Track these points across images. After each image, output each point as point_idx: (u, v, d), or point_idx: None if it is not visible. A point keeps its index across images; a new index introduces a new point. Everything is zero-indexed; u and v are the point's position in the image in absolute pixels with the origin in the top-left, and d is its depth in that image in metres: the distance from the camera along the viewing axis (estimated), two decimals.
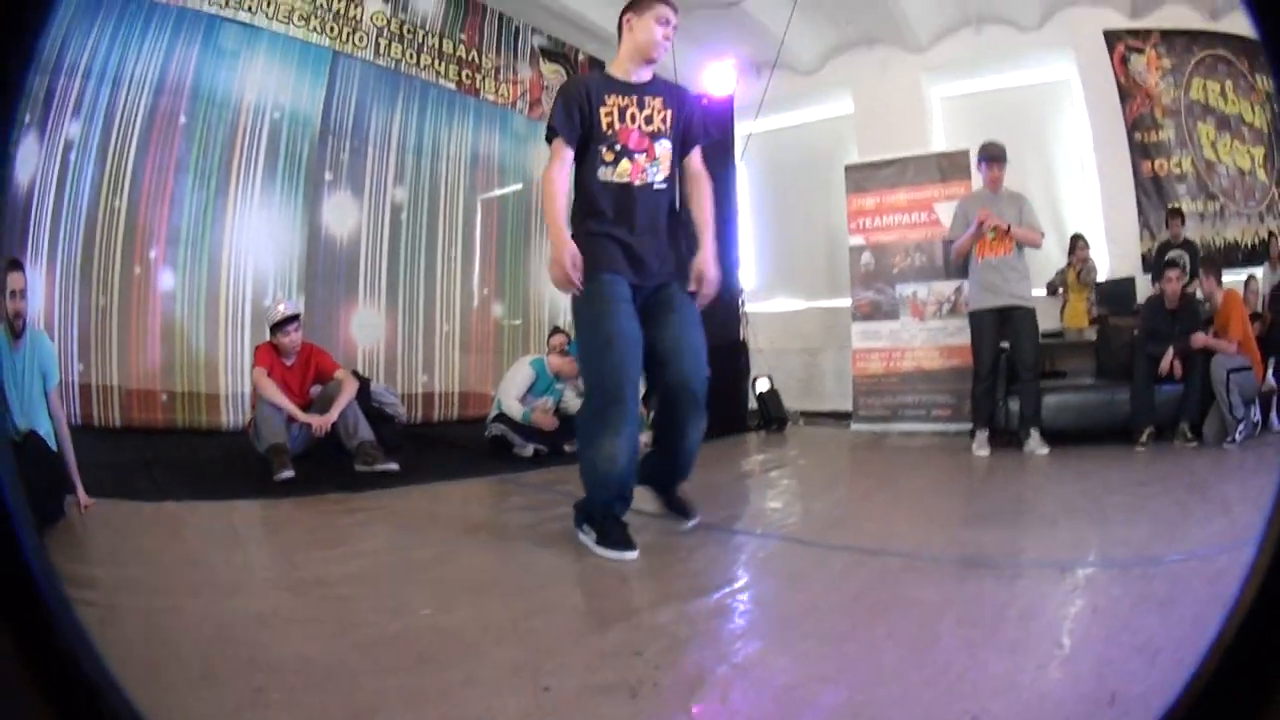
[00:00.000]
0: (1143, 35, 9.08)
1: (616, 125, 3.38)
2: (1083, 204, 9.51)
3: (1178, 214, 8.40)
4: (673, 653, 2.23)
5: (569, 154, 3.38)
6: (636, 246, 3.37)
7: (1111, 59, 9.15)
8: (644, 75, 3.52)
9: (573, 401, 6.88)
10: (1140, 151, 9.08)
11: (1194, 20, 8.90)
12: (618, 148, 3.37)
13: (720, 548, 3.52)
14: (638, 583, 3.02)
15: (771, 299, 11.23)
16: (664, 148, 3.45)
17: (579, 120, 3.36)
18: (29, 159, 6.15)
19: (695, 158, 3.60)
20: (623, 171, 3.38)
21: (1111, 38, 9.15)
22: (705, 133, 3.75)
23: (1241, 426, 6.24)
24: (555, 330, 7.98)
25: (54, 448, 3.84)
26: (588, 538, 3.34)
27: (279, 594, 2.94)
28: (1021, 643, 2.22)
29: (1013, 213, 6.51)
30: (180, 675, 2.09)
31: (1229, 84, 8.77)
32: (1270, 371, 6.86)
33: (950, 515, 4.56)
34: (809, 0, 9.19)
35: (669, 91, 3.57)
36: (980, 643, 2.19)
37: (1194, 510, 4.10)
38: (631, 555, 3.17)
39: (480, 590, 3.01)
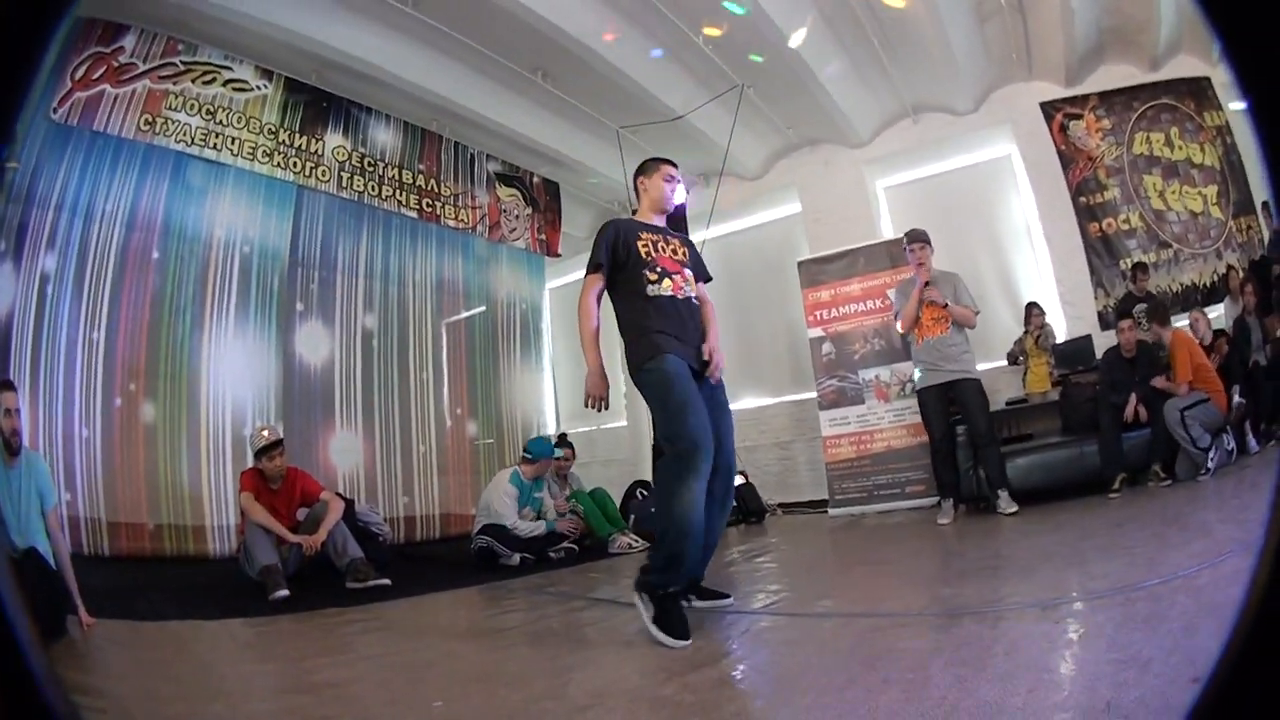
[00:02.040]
0: (1080, 101, 9.50)
1: (654, 253, 3.93)
2: (1034, 272, 9.82)
3: (1142, 267, 8.76)
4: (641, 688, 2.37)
5: (602, 285, 3.92)
6: (686, 342, 3.80)
7: (1050, 129, 9.57)
8: (662, 221, 4.20)
9: (551, 508, 7.33)
10: (1086, 214, 9.42)
11: (1134, 76, 9.35)
12: (659, 270, 3.88)
13: (712, 625, 3.62)
14: (636, 663, 3.09)
15: (739, 399, 11.39)
16: (688, 274, 4.02)
17: (618, 255, 3.89)
18: (5, 288, 6.31)
19: (702, 288, 4.15)
20: (666, 287, 3.86)
21: (1049, 108, 9.59)
22: (704, 272, 4.27)
23: (1212, 456, 6.35)
24: (562, 438, 8.38)
25: (53, 566, 3.91)
26: (645, 610, 3.41)
27: (292, 696, 3.03)
28: (1010, 673, 2.31)
29: (948, 290, 6.83)
30: None
31: (1174, 130, 9.15)
32: (1236, 395, 7.00)
33: (930, 577, 4.66)
34: (749, 110, 9.58)
35: (680, 237, 4.21)
36: (970, 677, 2.29)
37: (1171, 539, 4.27)
38: (685, 644, 3.22)
39: (486, 681, 3.10)
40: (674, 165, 4.25)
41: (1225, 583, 2.76)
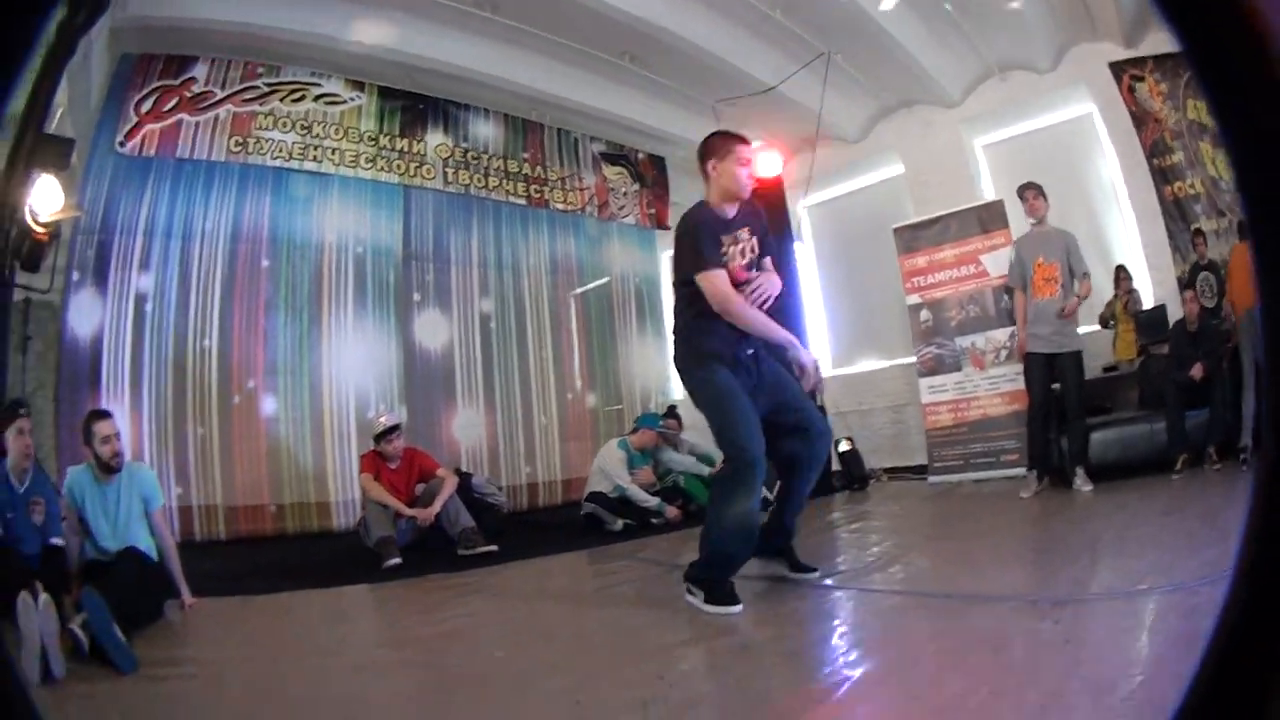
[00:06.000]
0: (1139, 63, 9.21)
1: (731, 265, 3.82)
2: (1122, 234, 9.61)
3: (1200, 234, 8.43)
4: (688, 678, 2.81)
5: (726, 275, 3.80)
6: (747, 355, 3.87)
7: (1120, 89, 9.30)
8: (733, 211, 3.92)
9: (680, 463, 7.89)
10: (1160, 176, 9.11)
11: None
12: (747, 263, 3.89)
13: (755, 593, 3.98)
14: (671, 627, 3.53)
15: (853, 362, 11.55)
16: (755, 278, 3.90)
17: (720, 251, 3.81)
18: (92, 313, 7.06)
19: (767, 263, 4.02)
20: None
21: (1116, 69, 9.30)
22: (773, 247, 4.11)
23: None
24: (670, 411, 8.68)
25: (153, 559, 4.50)
26: (696, 599, 3.69)
27: (377, 650, 3.61)
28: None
29: (1058, 248, 6.77)
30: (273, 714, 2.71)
31: None
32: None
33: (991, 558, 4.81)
34: (840, 75, 9.68)
35: (752, 219, 3.98)
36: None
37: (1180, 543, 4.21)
38: (738, 609, 3.55)
39: (548, 638, 3.64)
40: (748, 143, 3.95)
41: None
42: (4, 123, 4.82)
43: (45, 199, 5.52)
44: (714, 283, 3.72)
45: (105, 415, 4.71)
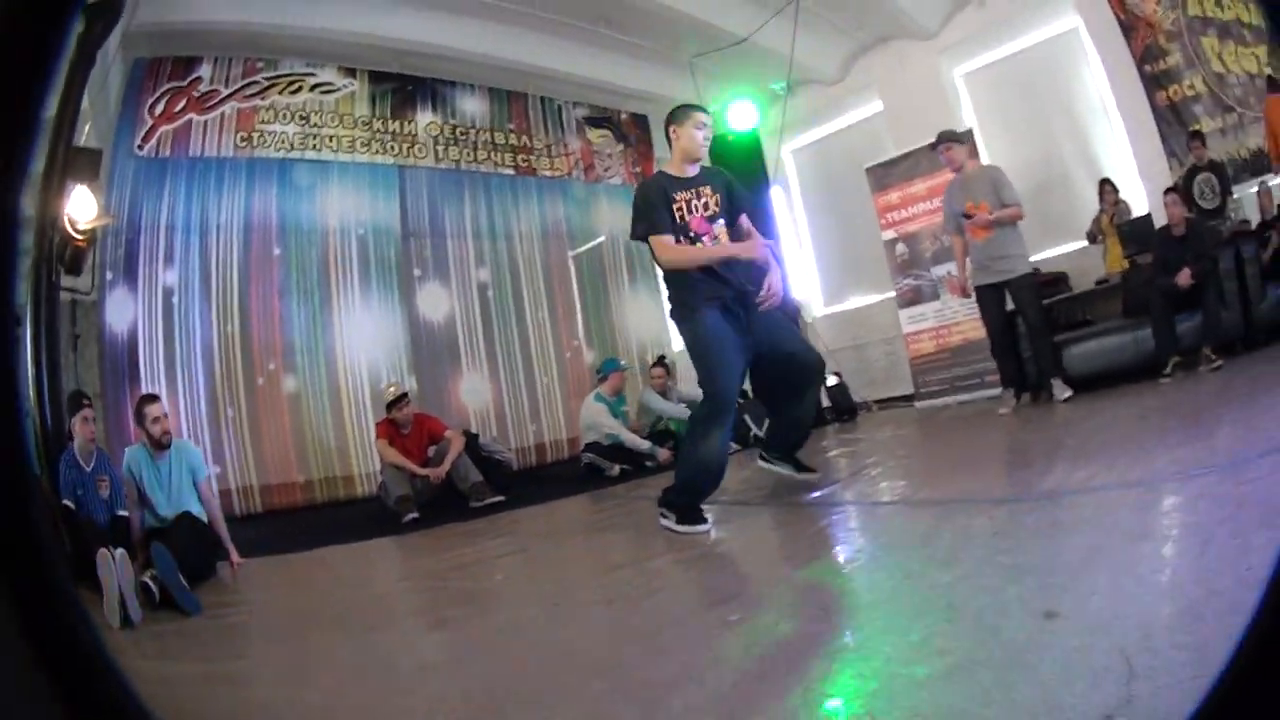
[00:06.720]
0: None
1: (687, 216, 4.20)
2: (1113, 147, 9.63)
3: (1197, 136, 8.34)
4: (648, 577, 3.29)
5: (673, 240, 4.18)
6: (729, 283, 4.22)
7: None
8: (694, 170, 4.36)
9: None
10: (1152, 83, 9.10)
11: None
12: (691, 234, 4.21)
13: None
14: (645, 545, 4.03)
15: (844, 300, 11.86)
16: (719, 227, 4.28)
17: (667, 215, 4.17)
18: (126, 309, 7.52)
19: (744, 220, 4.45)
20: (714, 234, 4.25)
21: None
22: (746, 200, 4.56)
23: None
24: (659, 360, 9.03)
25: (205, 522, 5.10)
26: (669, 521, 4.11)
27: (396, 582, 4.20)
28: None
29: (986, 187, 6.92)
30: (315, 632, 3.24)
31: None
32: None
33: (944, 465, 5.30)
34: (812, 18, 9.83)
35: (714, 178, 4.39)
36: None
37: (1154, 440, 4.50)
38: (707, 527, 4.01)
39: (540, 563, 4.32)
40: (705, 112, 4.41)
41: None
42: (40, 137, 5.24)
43: (81, 207, 6.12)
44: (655, 245, 4.18)
45: (154, 399, 5.42)
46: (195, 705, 2.36)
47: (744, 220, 4.46)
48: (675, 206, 4.20)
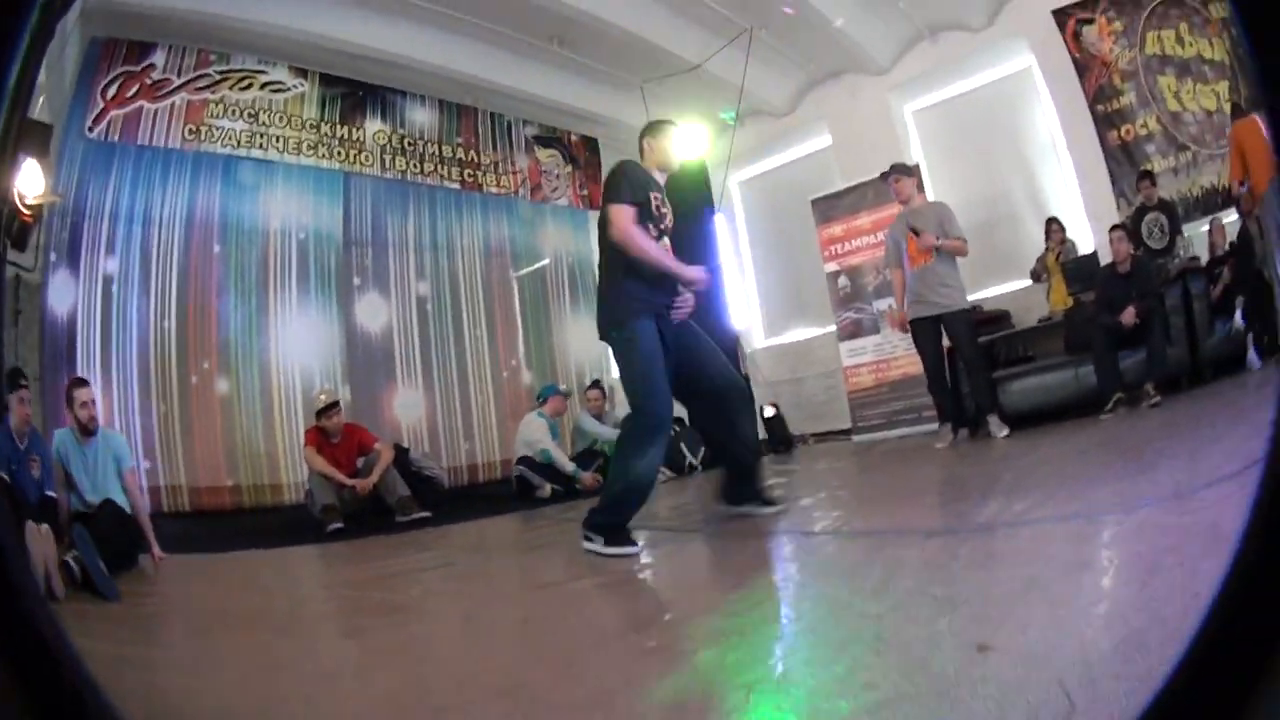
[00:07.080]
0: (1090, 4, 9.26)
1: (661, 210, 4.21)
2: (1061, 186, 9.75)
3: (1147, 175, 8.40)
4: (569, 599, 3.23)
5: (637, 217, 4.09)
6: (664, 306, 4.17)
7: (1064, 36, 9.37)
8: (662, 179, 4.38)
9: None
10: (1105, 122, 9.21)
11: None
12: (663, 227, 4.21)
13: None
14: (565, 566, 4.01)
15: (784, 333, 11.86)
16: (666, 242, 4.25)
17: (638, 198, 4.11)
18: (67, 293, 7.33)
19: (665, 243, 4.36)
20: (664, 246, 4.22)
21: (1061, 15, 9.37)
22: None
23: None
24: (595, 384, 9.09)
25: (128, 512, 5.02)
26: (596, 544, 3.95)
27: (311, 588, 4.07)
28: None
29: (932, 222, 6.87)
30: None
31: (1183, 25, 8.81)
32: (1239, 312, 6.73)
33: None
34: (765, 50, 9.94)
35: (670, 195, 4.41)
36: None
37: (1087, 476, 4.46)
38: (637, 549, 3.88)
39: (459, 579, 4.23)
40: (678, 126, 4.55)
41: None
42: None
43: (30, 181, 5.94)
44: (621, 213, 4.05)
45: (84, 383, 5.44)
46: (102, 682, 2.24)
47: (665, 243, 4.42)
48: (654, 198, 4.20)
